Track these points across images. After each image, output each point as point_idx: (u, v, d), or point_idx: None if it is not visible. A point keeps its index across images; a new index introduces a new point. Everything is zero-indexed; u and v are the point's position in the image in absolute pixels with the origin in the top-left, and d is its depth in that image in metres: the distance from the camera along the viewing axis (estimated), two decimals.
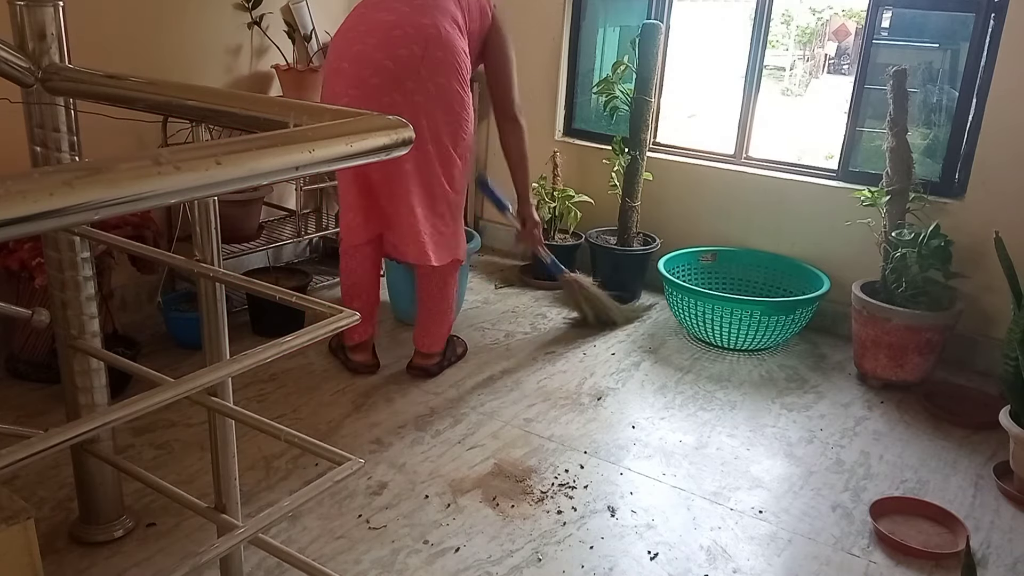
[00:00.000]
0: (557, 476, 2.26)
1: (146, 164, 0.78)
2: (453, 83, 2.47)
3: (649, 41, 3.33)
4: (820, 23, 13.57)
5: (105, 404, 1.77)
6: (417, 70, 2.41)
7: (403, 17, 2.43)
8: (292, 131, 1.03)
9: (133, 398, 0.88)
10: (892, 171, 2.85)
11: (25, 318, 1.67)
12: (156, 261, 2.63)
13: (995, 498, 2.27)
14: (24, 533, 0.93)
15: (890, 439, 2.56)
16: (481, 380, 2.79)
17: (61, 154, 1.58)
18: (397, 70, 2.40)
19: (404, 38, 2.41)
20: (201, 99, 1.26)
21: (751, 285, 3.42)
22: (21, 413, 2.40)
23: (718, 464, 2.37)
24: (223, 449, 1.39)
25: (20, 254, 2.43)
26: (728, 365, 3.02)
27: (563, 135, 3.93)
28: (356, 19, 2.51)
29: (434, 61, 2.43)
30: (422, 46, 2.41)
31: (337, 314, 1.07)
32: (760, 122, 3.52)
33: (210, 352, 1.34)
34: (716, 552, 1.99)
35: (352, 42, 2.46)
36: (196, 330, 2.54)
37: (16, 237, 0.72)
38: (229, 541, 1.11)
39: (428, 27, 2.43)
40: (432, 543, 1.95)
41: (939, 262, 2.76)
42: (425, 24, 2.43)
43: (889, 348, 2.80)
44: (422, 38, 2.41)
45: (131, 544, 1.89)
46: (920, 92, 3.13)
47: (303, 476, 2.19)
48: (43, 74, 1.48)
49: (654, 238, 3.59)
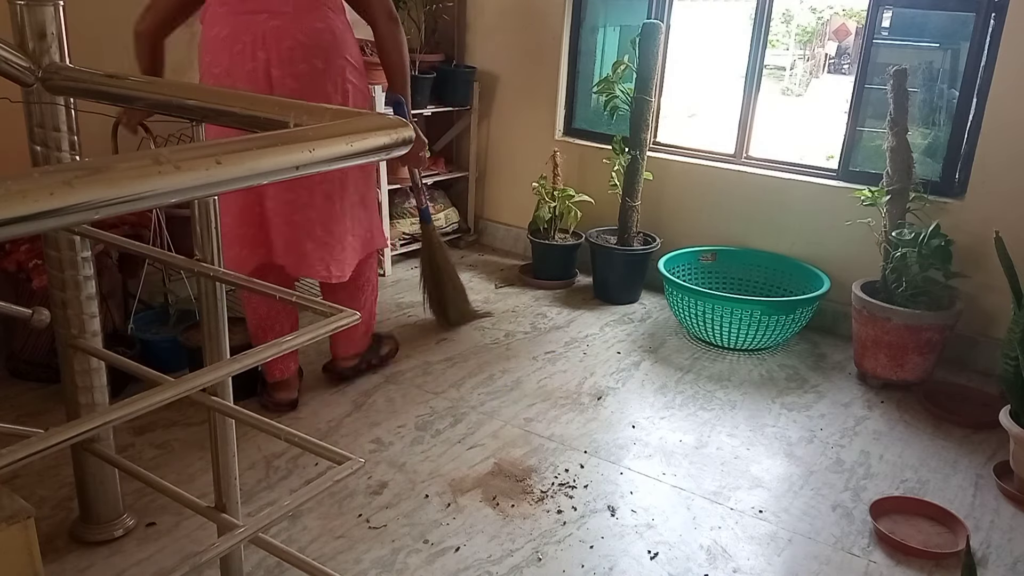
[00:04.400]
0: (557, 476, 2.26)
1: (146, 164, 0.78)
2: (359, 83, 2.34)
3: (649, 41, 3.33)
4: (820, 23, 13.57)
5: (105, 403, 1.78)
6: (322, 83, 2.22)
7: (291, 21, 2.18)
8: (292, 131, 1.03)
9: (133, 398, 0.88)
10: (892, 171, 2.85)
11: (25, 318, 1.67)
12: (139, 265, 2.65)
13: (995, 498, 2.27)
14: (24, 532, 0.93)
15: (890, 439, 2.56)
16: (481, 380, 2.79)
17: (61, 153, 1.59)
18: (301, 87, 2.18)
19: (300, 49, 2.18)
20: (201, 99, 1.26)
21: (751, 285, 3.42)
22: (21, 412, 2.40)
23: (718, 464, 2.37)
24: (223, 448, 1.39)
25: (17, 256, 2.43)
26: (728, 365, 3.02)
27: (563, 135, 3.93)
28: (234, 23, 2.19)
29: (336, 69, 2.25)
30: (323, 58, 2.21)
31: (337, 314, 1.07)
32: (760, 122, 3.52)
33: (210, 352, 1.34)
34: (716, 552, 1.99)
35: (242, 56, 2.18)
36: (171, 353, 2.54)
37: (16, 236, 0.72)
38: (229, 540, 1.10)
39: (322, 32, 2.21)
40: (432, 543, 1.95)
41: (939, 262, 2.76)
42: (319, 29, 2.20)
43: (889, 348, 2.80)
44: (320, 48, 2.20)
45: (131, 543, 1.89)
46: (920, 92, 3.12)
47: (303, 475, 2.19)
48: (43, 73, 1.48)
49: (654, 238, 3.59)
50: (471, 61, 4.03)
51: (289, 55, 2.18)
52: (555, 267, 3.71)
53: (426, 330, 3.16)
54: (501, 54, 3.97)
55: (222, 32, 2.20)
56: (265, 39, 2.17)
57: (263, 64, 2.18)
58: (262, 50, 2.18)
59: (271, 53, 2.18)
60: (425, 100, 3.78)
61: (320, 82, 2.22)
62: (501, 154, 4.13)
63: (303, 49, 2.19)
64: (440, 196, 4.14)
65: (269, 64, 2.18)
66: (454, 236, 4.16)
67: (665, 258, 3.34)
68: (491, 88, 4.04)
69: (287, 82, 2.19)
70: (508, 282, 3.73)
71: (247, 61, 2.18)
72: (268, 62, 2.18)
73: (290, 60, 2.18)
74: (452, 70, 3.93)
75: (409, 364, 2.87)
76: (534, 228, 3.70)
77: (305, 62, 2.19)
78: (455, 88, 3.93)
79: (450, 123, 4.13)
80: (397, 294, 3.50)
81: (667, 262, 3.32)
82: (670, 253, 3.39)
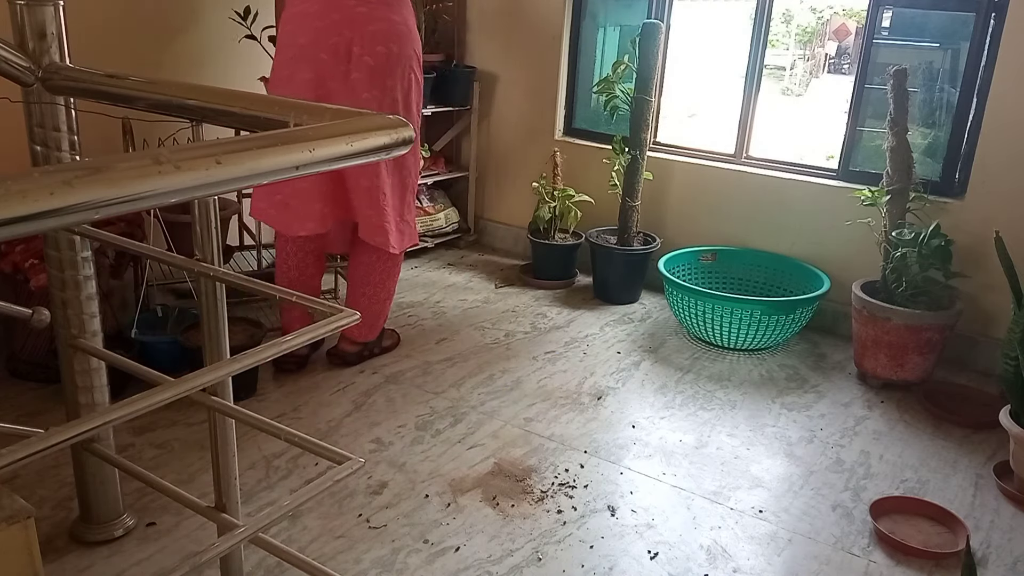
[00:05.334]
0: (557, 475, 2.26)
1: (146, 163, 0.78)
2: (419, 74, 2.60)
3: (649, 40, 3.33)
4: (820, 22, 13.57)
5: (105, 403, 1.77)
6: (394, 67, 2.49)
7: (375, 10, 2.45)
8: (292, 131, 1.03)
9: (133, 397, 0.88)
10: (892, 171, 2.85)
11: (25, 318, 1.67)
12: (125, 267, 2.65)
13: (995, 498, 2.27)
14: (24, 532, 0.93)
15: (890, 439, 2.56)
16: (481, 380, 2.79)
17: (61, 153, 1.58)
18: (376, 66, 2.45)
19: (382, 34, 2.45)
20: (201, 99, 1.26)
21: (751, 285, 3.42)
22: (21, 412, 2.39)
23: (718, 464, 2.37)
24: (223, 448, 1.39)
25: (12, 256, 2.43)
26: (728, 365, 3.02)
27: (563, 135, 3.93)
28: (327, 5, 2.46)
29: (405, 57, 2.51)
30: (397, 44, 2.48)
31: (337, 313, 1.07)
32: (760, 122, 3.52)
33: (210, 352, 1.34)
34: (716, 551, 1.99)
35: (328, 31, 2.43)
36: (172, 354, 2.53)
37: (16, 236, 0.72)
38: (229, 540, 1.11)
39: (399, 24, 2.50)
40: (432, 542, 1.95)
41: (939, 262, 2.76)
42: (396, 21, 2.49)
43: (889, 348, 2.80)
44: (396, 35, 2.48)
45: (131, 543, 1.89)
46: (920, 92, 3.13)
47: (303, 475, 2.19)
48: (43, 73, 1.48)
49: (654, 238, 3.59)
50: (471, 61, 4.03)
51: (372, 37, 2.44)
52: (555, 267, 3.71)
53: (426, 330, 3.16)
54: (501, 54, 3.97)
55: (311, 8, 2.46)
56: (353, 21, 2.43)
57: (347, 41, 2.43)
58: (348, 29, 2.43)
59: (356, 32, 2.43)
60: (425, 100, 3.78)
61: (392, 65, 2.48)
62: (501, 154, 4.13)
63: (383, 35, 2.46)
64: (440, 196, 4.13)
65: (352, 42, 2.43)
66: (454, 236, 4.16)
67: (665, 258, 3.34)
68: (491, 88, 4.04)
69: (365, 59, 2.44)
70: (508, 282, 3.73)
71: (332, 35, 2.43)
72: (351, 40, 2.43)
73: (372, 41, 2.45)
74: (452, 70, 3.93)
75: (409, 364, 2.87)
76: (534, 228, 3.70)
77: (383, 45, 2.46)
78: (455, 88, 3.93)
79: (450, 123, 4.12)
80: (397, 294, 3.49)
81: (667, 262, 3.32)
82: (670, 253, 3.39)
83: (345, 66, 2.44)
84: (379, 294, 2.76)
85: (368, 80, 2.45)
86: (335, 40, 2.42)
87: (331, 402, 2.59)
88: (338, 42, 2.43)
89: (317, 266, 2.76)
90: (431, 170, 3.99)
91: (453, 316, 3.31)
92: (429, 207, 4.04)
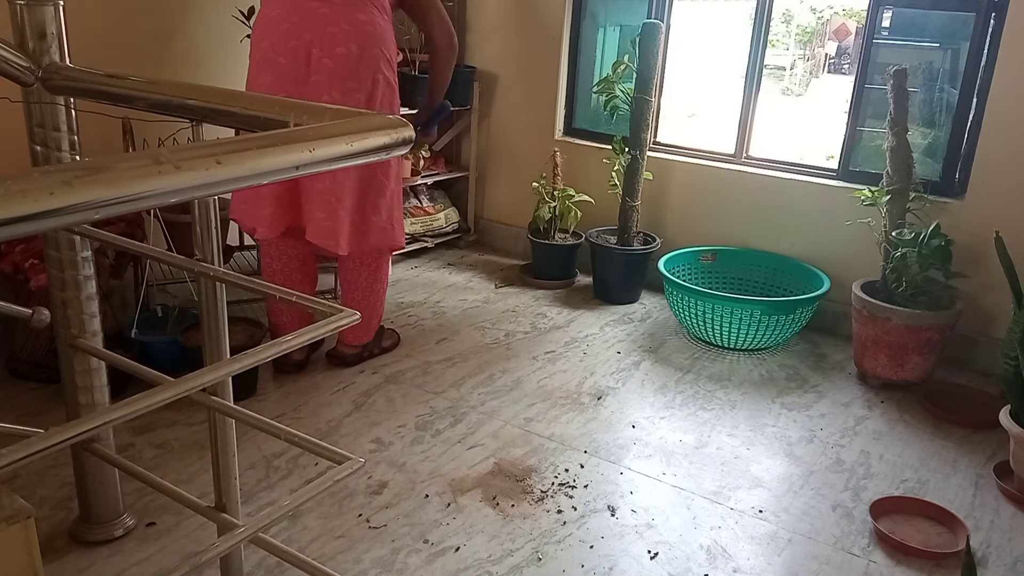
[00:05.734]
0: (557, 475, 2.26)
1: (146, 163, 0.78)
2: (389, 76, 2.52)
3: (649, 40, 3.33)
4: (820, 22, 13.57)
5: (105, 403, 1.77)
6: (356, 68, 2.42)
7: (338, 11, 2.41)
8: (292, 130, 1.03)
9: (133, 397, 0.88)
10: (892, 171, 2.85)
11: (25, 318, 1.67)
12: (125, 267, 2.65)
13: (995, 498, 2.27)
14: (24, 532, 0.93)
15: (890, 438, 2.56)
16: (481, 380, 2.79)
17: (61, 153, 1.58)
18: (336, 68, 2.40)
19: (342, 35, 2.40)
20: (201, 99, 1.26)
21: (751, 285, 3.42)
22: (21, 412, 2.39)
23: (718, 463, 2.37)
24: (223, 448, 1.39)
25: (12, 257, 2.42)
26: (728, 365, 3.02)
27: (563, 134, 3.93)
28: (285, 5, 2.44)
29: (370, 57, 2.45)
30: (359, 44, 2.42)
31: (337, 313, 1.07)
32: (760, 122, 3.52)
33: (210, 352, 1.34)
34: (716, 551, 1.99)
35: (287, 35, 2.41)
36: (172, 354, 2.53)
37: (16, 236, 0.72)
38: (229, 540, 1.10)
39: (364, 23, 2.43)
40: (432, 542, 1.95)
41: (939, 262, 2.76)
42: (361, 20, 2.43)
43: (889, 348, 2.80)
44: (359, 36, 2.42)
45: (131, 543, 1.89)
46: (920, 92, 3.12)
47: (303, 475, 2.19)
48: (43, 73, 1.48)
49: (654, 238, 3.59)
50: (471, 61, 4.03)
51: (331, 39, 2.40)
52: (555, 267, 3.71)
53: (426, 330, 3.16)
54: (501, 54, 3.97)
55: (273, 12, 2.46)
56: (314, 23, 2.40)
57: (306, 44, 2.40)
58: (308, 31, 2.40)
59: (316, 35, 2.40)
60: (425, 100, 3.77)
61: (352, 66, 2.42)
62: (501, 154, 4.12)
63: (344, 36, 2.41)
64: (440, 196, 4.13)
65: (311, 44, 2.40)
66: (454, 236, 4.16)
67: (665, 258, 3.34)
68: (491, 88, 4.04)
69: (325, 61, 2.40)
70: (508, 282, 3.73)
71: (291, 39, 2.41)
72: (311, 43, 2.40)
73: (331, 43, 2.40)
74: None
75: (409, 364, 2.87)
76: (534, 228, 3.70)
77: (343, 46, 2.41)
78: (455, 88, 3.90)
79: (450, 123, 4.12)
80: (397, 294, 3.50)
81: (667, 262, 3.32)
82: (670, 253, 3.39)
83: (305, 69, 2.40)
84: (368, 297, 2.74)
85: (328, 83, 2.40)
86: (294, 44, 2.40)
87: (331, 402, 2.59)
88: (297, 45, 2.40)
89: (303, 271, 2.72)
90: (431, 170, 4.00)
91: (453, 316, 3.31)
92: (429, 207, 4.04)
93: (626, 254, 3.50)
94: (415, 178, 3.84)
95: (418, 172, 3.84)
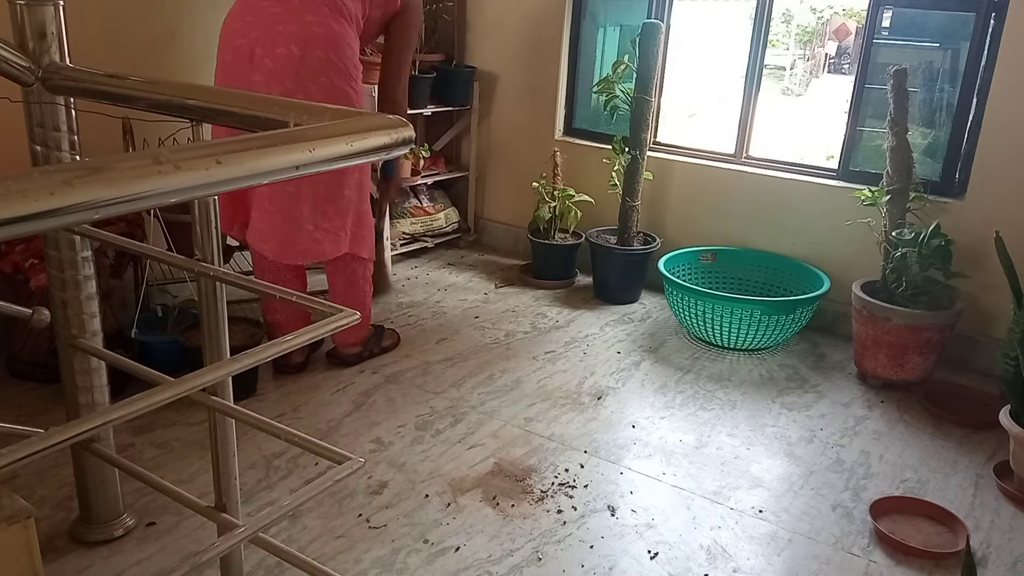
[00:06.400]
0: (557, 475, 2.26)
1: (146, 163, 0.78)
2: (338, 82, 2.41)
3: (649, 40, 3.33)
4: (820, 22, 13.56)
5: (105, 403, 1.77)
6: (296, 70, 2.35)
7: (290, 11, 2.37)
8: (292, 130, 1.03)
9: (133, 397, 0.88)
10: (892, 171, 2.85)
11: (25, 318, 1.67)
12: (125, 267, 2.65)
13: (995, 498, 2.27)
14: (24, 532, 0.93)
15: (890, 438, 2.56)
16: (481, 380, 2.79)
17: (61, 153, 1.58)
18: (276, 68, 2.35)
19: (285, 35, 2.34)
20: (201, 99, 1.26)
21: (751, 285, 3.42)
22: (21, 412, 2.39)
23: (718, 463, 2.37)
24: (223, 448, 1.39)
25: (12, 257, 2.42)
26: (728, 365, 3.02)
27: (563, 134, 3.93)
28: (243, 3, 2.43)
29: (313, 60, 2.36)
30: (301, 46, 2.35)
31: (337, 313, 1.07)
32: (760, 122, 3.52)
33: (210, 352, 1.34)
34: (716, 551, 1.99)
35: (236, 33, 2.40)
36: (172, 354, 2.53)
37: (16, 236, 0.72)
38: (229, 540, 1.10)
39: (311, 25, 2.36)
40: (432, 542, 1.95)
41: (939, 262, 2.76)
42: (309, 22, 2.36)
43: (889, 348, 2.80)
44: (302, 38, 2.35)
45: (131, 543, 1.89)
46: (920, 92, 3.12)
47: (303, 475, 2.19)
48: (43, 73, 1.48)
49: (654, 237, 3.59)
50: (471, 61, 4.03)
51: (274, 39, 2.35)
52: (555, 267, 3.71)
53: (426, 330, 3.16)
54: (501, 54, 3.96)
55: (233, 10, 2.47)
56: (263, 22, 2.37)
57: (251, 42, 2.37)
58: (256, 30, 2.37)
59: (262, 34, 2.36)
60: (425, 100, 3.78)
61: (293, 68, 2.35)
62: (501, 154, 4.12)
63: (288, 36, 2.36)
64: (440, 196, 4.13)
65: (256, 43, 2.36)
66: (454, 236, 4.16)
67: (665, 258, 3.34)
68: (491, 88, 4.04)
69: (265, 61, 2.36)
70: (508, 282, 3.73)
71: (238, 37, 2.39)
72: (256, 41, 2.36)
73: (274, 43, 2.35)
74: (452, 70, 3.93)
75: (409, 364, 2.87)
76: (534, 228, 3.70)
77: (285, 47, 2.35)
78: (455, 88, 3.93)
79: (450, 123, 4.12)
80: (397, 294, 3.50)
81: (667, 262, 3.32)
82: (670, 253, 3.39)
83: (248, 67, 2.36)
84: (345, 301, 2.67)
85: (266, 83, 2.34)
86: (240, 42, 2.38)
87: (331, 402, 2.59)
88: (242, 44, 2.37)
89: (294, 271, 2.70)
90: (431, 170, 4.00)
91: (453, 316, 3.31)
92: (429, 207, 4.03)
93: (626, 254, 3.50)
94: (415, 178, 3.84)
95: (418, 172, 3.83)
